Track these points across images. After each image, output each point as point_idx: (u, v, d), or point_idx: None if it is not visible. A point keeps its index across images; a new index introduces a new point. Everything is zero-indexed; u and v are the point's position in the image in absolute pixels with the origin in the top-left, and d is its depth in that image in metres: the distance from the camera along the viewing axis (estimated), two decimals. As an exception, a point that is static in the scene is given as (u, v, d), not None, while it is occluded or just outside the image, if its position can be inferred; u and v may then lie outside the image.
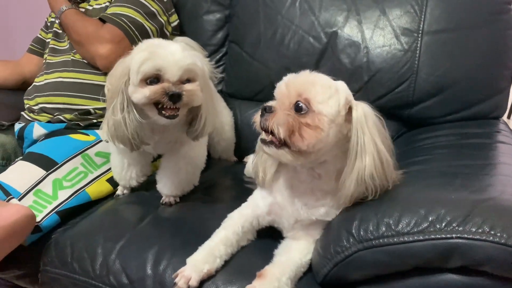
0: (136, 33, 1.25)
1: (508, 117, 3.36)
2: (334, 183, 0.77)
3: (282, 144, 0.72)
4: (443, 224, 0.63)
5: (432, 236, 0.63)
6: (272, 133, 0.72)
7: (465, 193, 0.70)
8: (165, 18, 1.36)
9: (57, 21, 1.37)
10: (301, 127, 0.71)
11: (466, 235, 0.61)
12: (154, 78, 0.86)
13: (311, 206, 0.79)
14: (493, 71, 1.17)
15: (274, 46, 1.34)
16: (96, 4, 1.35)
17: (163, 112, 0.88)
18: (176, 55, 0.86)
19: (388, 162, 0.74)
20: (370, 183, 0.72)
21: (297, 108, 0.72)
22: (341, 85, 0.76)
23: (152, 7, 1.31)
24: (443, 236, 0.62)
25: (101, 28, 1.24)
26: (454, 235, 0.61)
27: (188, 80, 0.89)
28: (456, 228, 0.62)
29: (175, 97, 0.85)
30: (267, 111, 0.73)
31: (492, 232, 0.60)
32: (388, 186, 0.74)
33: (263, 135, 0.75)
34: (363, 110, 0.73)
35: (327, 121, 0.71)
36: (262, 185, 0.86)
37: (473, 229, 0.61)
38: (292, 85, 0.74)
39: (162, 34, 1.34)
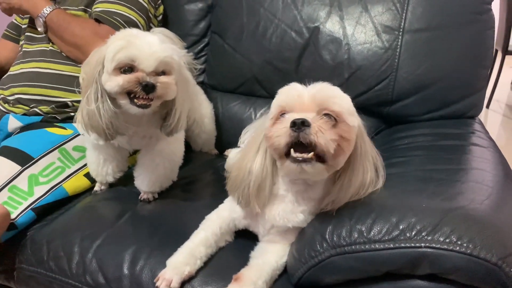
0: None
1: (487, 107, 3.43)
2: (321, 190, 0.77)
3: (318, 160, 0.68)
4: (413, 233, 0.65)
5: (402, 245, 0.65)
6: (310, 149, 0.67)
7: (437, 201, 0.71)
8: (152, 10, 1.33)
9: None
10: (340, 141, 0.68)
11: (434, 245, 0.62)
12: (128, 68, 0.85)
13: (290, 212, 0.78)
14: (472, 70, 1.18)
15: (256, 39, 1.32)
16: None
17: (135, 100, 0.87)
18: (152, 47, 0.85)
19: (379, 168, 0.75)
20: (367, 187, 0.74)
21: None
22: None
23: (143, 1, 1.28)
24: (412, 245, 0.64)
25: (99, 29, 1.20)
26: (423, 244, 0.63)
27: (163, 73, 0.88)
28: (425, 237, 0.64)
29: (149, 88, 0.85)
30: (305, 125, 0.66)
31: (459, 242, 0.61)
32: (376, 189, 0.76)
33: (296, 153, 0.67)
34: (359, 118, 0.74)
35: (354, 133, 0.71)
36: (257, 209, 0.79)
37: (441, 239, 0.63)
38: (313, 96, 0.70)
39: (148, 28, 1.31)
